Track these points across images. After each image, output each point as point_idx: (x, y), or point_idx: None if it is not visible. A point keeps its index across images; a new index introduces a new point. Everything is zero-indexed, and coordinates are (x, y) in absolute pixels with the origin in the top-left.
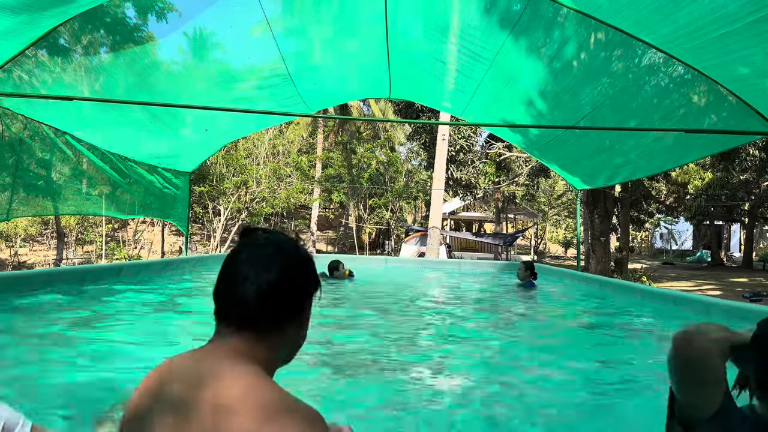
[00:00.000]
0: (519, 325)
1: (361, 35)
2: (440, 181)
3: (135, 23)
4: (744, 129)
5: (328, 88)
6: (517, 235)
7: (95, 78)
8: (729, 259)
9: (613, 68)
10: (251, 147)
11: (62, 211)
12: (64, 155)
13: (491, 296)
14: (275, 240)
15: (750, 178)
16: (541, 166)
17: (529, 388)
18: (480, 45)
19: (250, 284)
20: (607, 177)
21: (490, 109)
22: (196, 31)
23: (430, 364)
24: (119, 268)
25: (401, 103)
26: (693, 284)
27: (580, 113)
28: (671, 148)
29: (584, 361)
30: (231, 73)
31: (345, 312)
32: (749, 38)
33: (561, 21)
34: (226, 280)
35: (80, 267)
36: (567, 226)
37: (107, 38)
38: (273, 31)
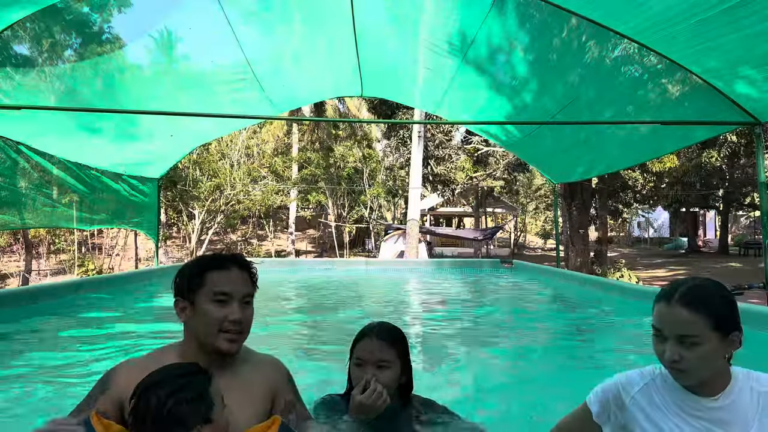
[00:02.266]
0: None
1: (328, 33)
2: (417, 178)
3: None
4: (720, 119)
5: (298, 88)
6: (496, 229)
7: (51, 85)
8: (705, 245)
9: (587, 60)
10: (224, 149)
11: (30, 223)
12: (21, 166)
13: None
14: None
15: (724, 166)
16: (518, 160)
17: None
18: (450, 40)
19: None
20: (584, 171)
21: (464, 105)
22: (157, 34)
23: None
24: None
25: (376, 99)
26: (666, 271)
27: (554, 107)
28: (647, 139)
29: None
30: (195, 77)
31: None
32: (722, 26)
33: (533, 12)
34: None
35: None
36: (546, 218)
37: (64, 43)
38: (235, 32)
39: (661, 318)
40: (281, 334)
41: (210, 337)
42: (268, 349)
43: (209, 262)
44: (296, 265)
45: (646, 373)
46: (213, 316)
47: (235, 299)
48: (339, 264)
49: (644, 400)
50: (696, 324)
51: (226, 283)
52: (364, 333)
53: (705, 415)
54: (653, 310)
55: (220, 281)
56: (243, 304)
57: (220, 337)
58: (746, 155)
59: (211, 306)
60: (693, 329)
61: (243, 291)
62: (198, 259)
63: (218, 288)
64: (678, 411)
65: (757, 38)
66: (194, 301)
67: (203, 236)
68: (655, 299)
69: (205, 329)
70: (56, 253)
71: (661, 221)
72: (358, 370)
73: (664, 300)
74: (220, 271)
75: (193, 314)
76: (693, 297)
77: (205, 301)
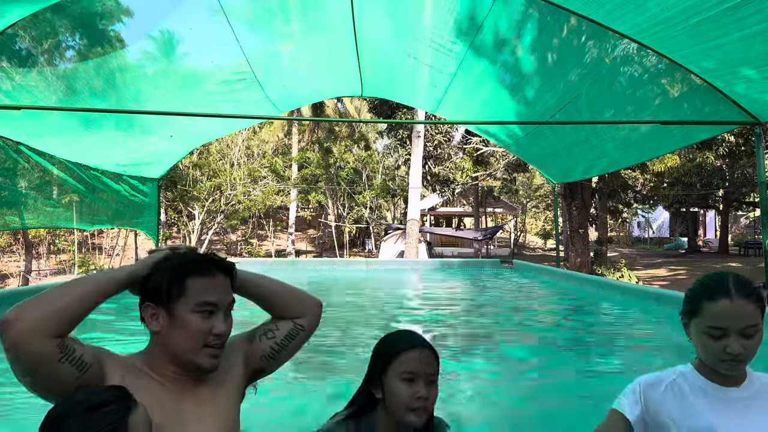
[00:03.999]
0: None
1: (328, 33)
2: (417, 178)
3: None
4: (720, 119)
5: (298, 88)
6: (496, 228)
7: (52, 85)
8: (705, 245)
9: (586, 60)
10: (224, 149)
11: (30, 223)
12: (22, 166)
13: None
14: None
15: (724, 165)
16: (517, 159)
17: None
18: (450, 39)
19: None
20: (584, 170)
21: (464, 105)
22: (157, 35)
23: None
24: None
25: (376, 99)
26: (666, 271)
27: (555, 107)
28: (647, 139)
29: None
30: (195, 77)
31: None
32: (723, 26)
33: (532, 12)
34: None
35: None
36: (546, 218)
37: (65, 42)
38: (236, 32)
39: (727, 315)
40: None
41: (190, 352)
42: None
43: (192, 267)
44: (296, 265)
45: (669, 373)
46: (197, 328)
47: (221, 310)
48: (339, 264)
49: (674, 397)
50: (756, 313)
51: (212, 292)
52: (411, 344)
53: (736, 404)
54: (700, 310)
55: (205, 290)
56: (226, 315)
57: (202, 353)
58: (745, 155)
59: (195, 317)
60: (755, 318)
61: (227, 300)
62: (178, 259)
63: (204, 298)
64: (710, 402)
65: (757, 38)
66: (171, 310)
67: (203, 236)
68: (699, 299)
69: (186, 344)
70: (56, 253)
71: (661, 221)
72: (407, 387)
73: (725, 297)
74: (204, 277)
75: (169, 324)
76: (747, 288)
77: (187, 312)
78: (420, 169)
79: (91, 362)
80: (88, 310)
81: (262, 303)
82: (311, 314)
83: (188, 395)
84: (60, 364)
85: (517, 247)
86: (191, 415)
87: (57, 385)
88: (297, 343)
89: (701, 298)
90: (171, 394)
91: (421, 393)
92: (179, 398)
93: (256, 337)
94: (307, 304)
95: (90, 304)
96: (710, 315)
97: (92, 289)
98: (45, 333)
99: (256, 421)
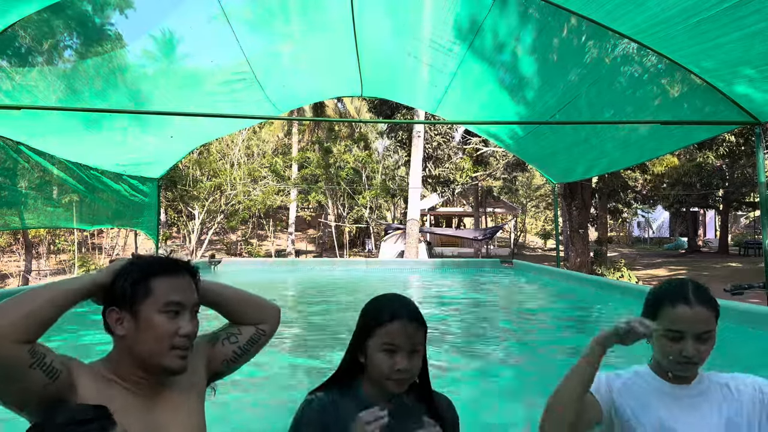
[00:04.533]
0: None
1: (328, 33)
2: (417, 178)
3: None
4: (720, 119)
5: (297, 88)
6: (496, 228)
7: (52, 85)
8: (705, 245)
9: (586, 60)
10: (225, 149)
11: (30, 223)
12: (22, 166)
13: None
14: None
15: (724, 165)
16: (517, 159)
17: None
18: (450, 39)
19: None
20: (584, 170)
21: (464, 105)
22: (157, 34)
23: None
24: None
25: (376, 99)
26: (666, 271)
27: (554, 107)
28: (647, 139)
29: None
30: (195, 77)
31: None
32: (723, 26)
33: (532, 13)
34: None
35: None
36: (546, 218)
37: (66, 42)
38: (236, 32)
39: (684, 320)
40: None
41: (157, 355)
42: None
43: (156, 267)
44: (296, 266)
45: (627, 371)
46: (163, 329)
47: (187, 310)
48: (339, 264)
49: (631, 392)
50: (711, 319)
51: (178, 292)
52: (394, 315)
53: (687, 400)
54: (660, 314)
55: (171, 289)
56: (192, 316)
57: (170, 355)
58: (745, 155)
59: (161, 318)
60: (710, 324)
61: (193, 300)
62: (141, 263)
63: (170, 297)
64: (662, 400)
65: (757, 38)
66: (137, 312)
67: (203, 236)
68: (660, 304)
69: (153, 345)
70: (56, 253)
71: (661, 221)
72: (388, 357)
73: (683, 303)
74: (170, 277)
75: (134, 327)
76: (705, 296)
77: (153, 313)
78: (420, 170)
79: (60, 369)
80: (56, 315)
81: (223, 310)
82: (272, 320)
83: (159, 401)
84: (31, 370)
85: (517, 247)
86: (165, 421)
87: (25, 393)
88: (258, 346)
89: (662, 303)
90: (142, 400)
91: (401, 365)
92: (150, 405)
93: (219, 341)
94: (266, 311)
95: (58, 309)
96: (669, 319)
97: (60, 295)
98: (14, 338)
99: (258, 423)
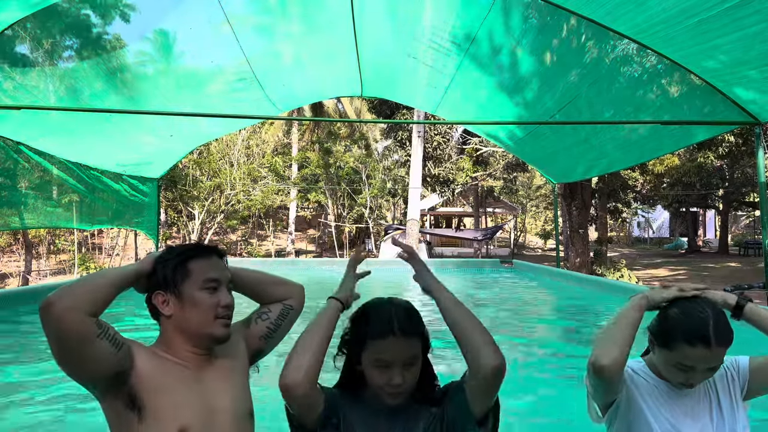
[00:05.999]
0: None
1: (328, 33)
2: (417, 178)
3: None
4: (720, 119)
5: (298, 88)
6: (496, 228)
7: (52, 85)
8: (705, 245)
9: (586, 60)
10: (224, 148)
11: (30, 223)
12: (22, 166)
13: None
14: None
15: (724, 165)
16: (517, 159)
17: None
18: (450, 39)
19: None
20: (584, 170)
21: (463, 105)
22: (158, 35)
23: None
24: None
25: (376, 99)
26: (666, 271)
27: (554, 107)
28: (647, 139)
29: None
30: (195, 77)
31: None
32: (723, 26)
33: (532, 13)
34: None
35: None
36: (546, 218)
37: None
38: (236, 32)
39: (701, 359)
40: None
41: (206, 326)
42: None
43: (191, 252)
44: (296, 265)
45: (630, 366)
46: (207, 303)
47: (223, 284)
48: (339, 264)
49: (641, 388)
50: (724, 353)
51: (213, 270)
52: (384, 330)
53: (685, 403)
54: (674, 347)
55: (207, 268)
56: (228, 290)
57: (216, 324)
58: (745, 155)
59: (203, 294)
60: (722, 358)
61: (227, 276)
62: (177, 250)
63: (207, 275)
64: (666, 402)
65: (757, 38)
66: (180, 292)
67: (203, 236)
68: (676, 338)
69: (199, 319)
70: (56, 253)
71: (661, 221)
72: (380, 373)
73: (703, 346)
74: (203, 258)
75: (180, 306)
76: (726, 336)
77: (195, 291)
78: (420, 170)
79: (122, 341)
80: (112, 296)
81: (249, 292)
82: (297, 295)
83: (208, 373)
84: (99, 340)
85: (516, 247)
86: (212, 389)
87: (96, 363)
88: (289, 321)
89: (679, 339)
90: (193, 372)
91: (394, 381)
92: (200, 376)
93: (252, 321)
94: (289, 287)
95: (115, 290)
96: (684, 355)
97: (117, 277)
98: (82, 311)
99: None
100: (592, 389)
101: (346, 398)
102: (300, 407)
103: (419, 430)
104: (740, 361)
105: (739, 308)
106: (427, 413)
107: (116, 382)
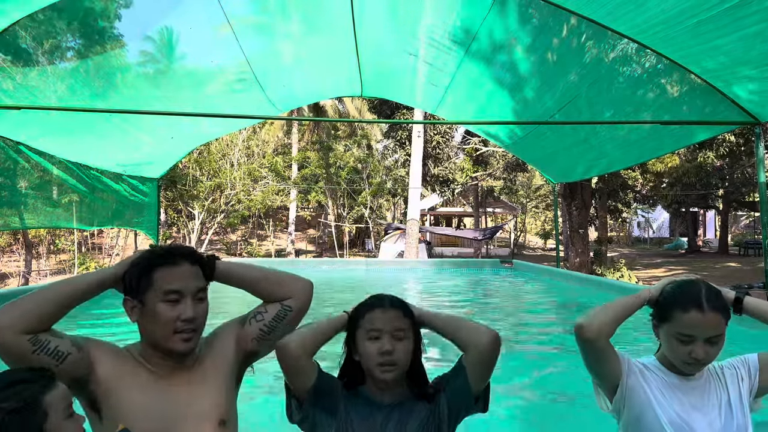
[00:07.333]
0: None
1: (328, 33)
2: (417, 178)
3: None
4: (720, 119)
5: (298, 88)
6: (496, 228)
7: (52, 85)
8: (705, 245)
9: (586, 60)
10: (224, 148)
11: (30, 223)
12: (22, 166)
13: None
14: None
15: (724, 165)
16: (517, 159)
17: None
18: (450, 39)
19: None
20: (584, 170)
21: (463, 105)
22: (158, 35)
23: None
24: None
25: (376, 99)
26: (666, 271)
27: (554, 107)
28: (647, 139)
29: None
30: (195, 77)
31: None
32: (723, 26)
33: (532, 13)
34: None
35: None
36: (546, 218)
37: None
38: (236, 32)
39: (696, 325)
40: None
41: (163, 339)
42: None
43: (157, 259)
44: (296, 265)
45: (640, 361)
46: (165, 316)
47: (187, 296)
48: (338, 264)
49: (648, 379)
50: (721, 323)
51: (176, 281)
52: (374, 304)
53: (693, 394)
54: (672, 317)
55: (169, 279)
56: (196, 300)
57: (174, 339)
58: (745, 155)
59: (163, 306)
60: (720, 328)
61: (195, 286)
62: (146, 255)
63: (168, 287)
64: (674, 393)
65: (757, 38)
66: (144, 301)
67: (203, 236)
68: (672, 307)
69: (158, 331)
70: (56, 253)
71: (661, 221)
72: (372, 344)
73: (696, 309)
74: (169, 267)
75: (143, 315)
76: (717, 301)
77: (156, 302)
78: (420, 169)
79: (68, 351)
80: (60, 309)
81: (247, 289)
82: (299, 295)
83: (179, 381)
84: (35, 356)
85: (516, 247)
86: (184, 396)
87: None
88: (287, 323)
89: (674, 307)
90: (164, 380)
91: (385, 347)
92: (169, 385)
93: (247, 321)
94: (290, 287)
95: (68, 300)
96: (681, 323)
97: (67, 292)
98: (17, 329)
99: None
100: (585, 363)
101: (348, 394)
102: (289, 369)
103: (414, 423)
104: (750, 358)
105: (738, 302)
106: (421, 409)
107: (76, 385)
